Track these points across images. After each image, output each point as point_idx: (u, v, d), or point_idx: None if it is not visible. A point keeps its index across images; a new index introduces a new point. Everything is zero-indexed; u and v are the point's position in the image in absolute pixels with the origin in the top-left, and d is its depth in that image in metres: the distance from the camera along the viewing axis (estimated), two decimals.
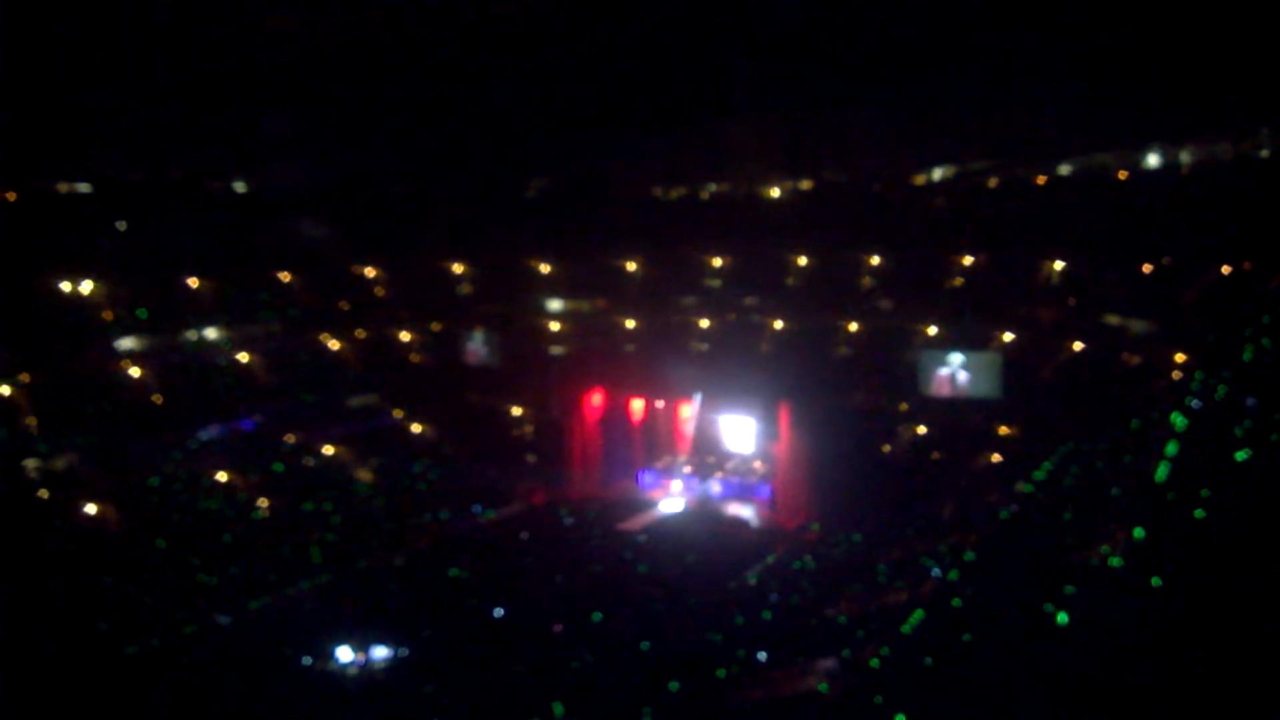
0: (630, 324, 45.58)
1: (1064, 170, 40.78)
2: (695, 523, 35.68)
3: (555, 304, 46.60)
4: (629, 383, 41.56)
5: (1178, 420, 19.56)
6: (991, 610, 17.57)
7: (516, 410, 43.79)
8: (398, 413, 42.42)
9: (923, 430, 37.57)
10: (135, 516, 30.37)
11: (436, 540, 32.42)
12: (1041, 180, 41.10)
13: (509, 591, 25.94)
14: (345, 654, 21.14)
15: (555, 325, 46.39)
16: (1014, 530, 24.12)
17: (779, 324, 42.91)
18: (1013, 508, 26.37)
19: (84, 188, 40.40)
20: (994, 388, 35.74)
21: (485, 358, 44.40)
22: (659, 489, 39.50)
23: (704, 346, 44.32)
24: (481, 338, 44.46)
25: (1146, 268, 34.52)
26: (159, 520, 30.30)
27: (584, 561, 29.22)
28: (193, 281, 39.28)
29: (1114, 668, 12.26)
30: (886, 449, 37.58)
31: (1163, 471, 18.01)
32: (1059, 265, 37.38)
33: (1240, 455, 16.12)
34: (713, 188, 49.37)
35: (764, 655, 19.94)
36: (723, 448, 41.47)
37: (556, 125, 47.69)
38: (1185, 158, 37.79)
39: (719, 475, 39.52)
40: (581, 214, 48.12)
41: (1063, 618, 14.43)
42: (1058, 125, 40.79)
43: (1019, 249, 38.43)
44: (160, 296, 37.90)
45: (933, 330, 38.72)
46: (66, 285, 35.55)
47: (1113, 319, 34.71)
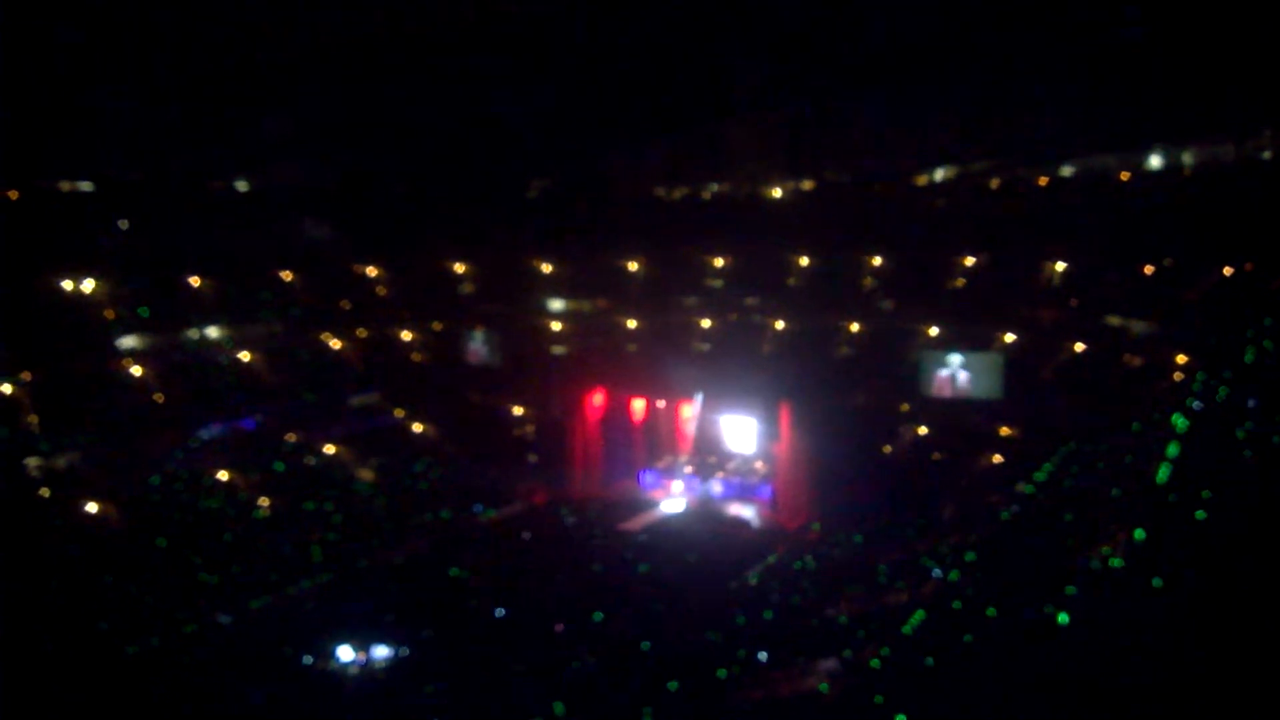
0: (632, 324, 45.58)
1: (1066, 171, 40.76)
2: (696, 523, 35.66)
3: (557, 304, 46.60)
4: (630, 383, 41.54)
5: (1179, 421, 19.54)
6: (992, 611, 17.57)
7: (518, 410, 43.79)
8: (399, 412, 42.40)
9: (924, 431, 37.56)
10: (136, 515, 30.35)
11: (437, 540, 32.41)
12: (1043, 181, 41.08)
13: (510, 591, 25.95)
14: (346, 653, 21.15)
15: (557, 325, 46.40)
16: (1015, 531, 24.12)
17: (780, 324, 42.92)
18: (1014, 508, 26.38)
19: (86, 186, 40.39)
20: (995, 388, 35.74)
21: (486, 357, 44.39)
22: (660, 489, 39.48)
23: (705, 347, 44.32)
24: (483, 337, 44.45)
25: (1148, 269, 34.53)
26: (160, 519, 30.29)
27: (585, 561, 29.23)
28: (194, 280, 39.29)
29: (1114, 668, 12.27)
30: (887, 449, 37.55)
31: (1164, 473, 18.00)
32: (1060, 266, 37.39)
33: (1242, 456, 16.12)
34: (714, 188, 49.34)
35: (765, 655, 19.95)
36: (724, 448, 41.47)
37: (558, 125, 47.73)
38: (1187, 159, 37.76)
39: (720, 475, 39.49)
40: (583, 214, 48.12)
41: (1063, 618, 14.44)
42: (1059, 126, 40.78)
43: (1020, 250, 38.44)
44: (162, 295, 37.90)
45: (934, 331, 38.75)
46: (68, 284, 35.55)
47: (1114, 320, 34.70)
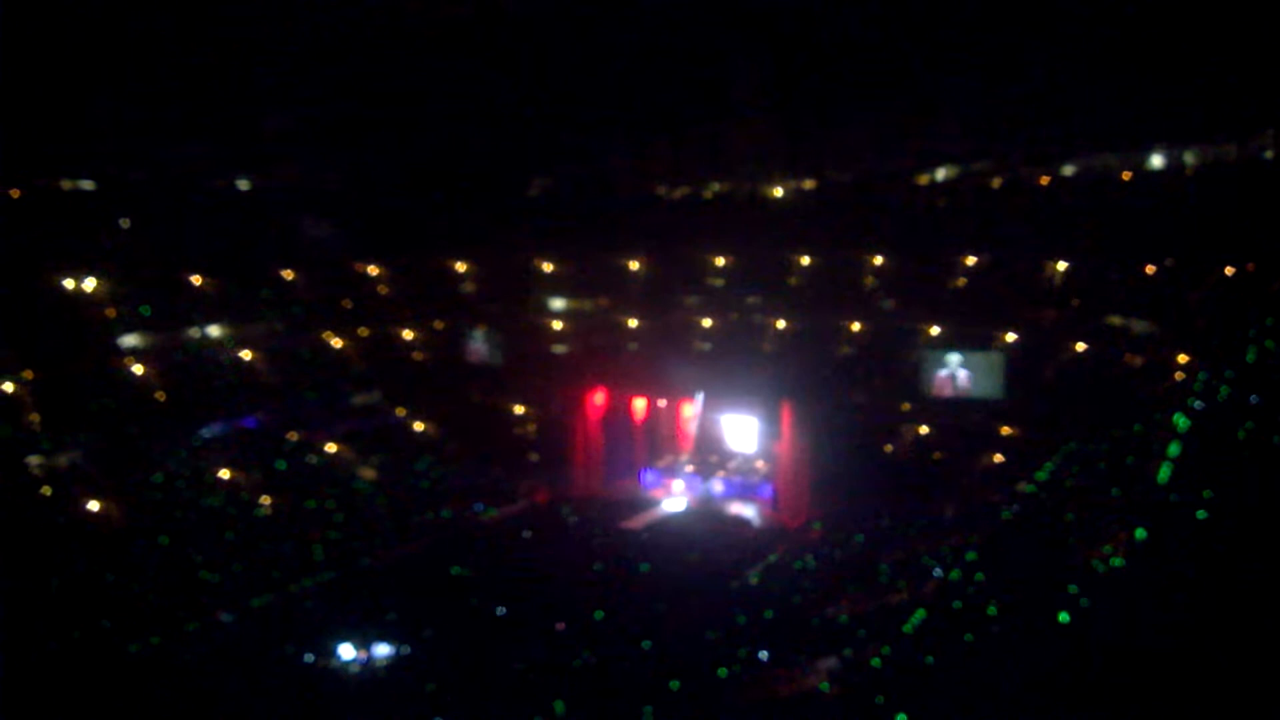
0: (633, 323, 45.63)
1: (1067, 171, 40.78)
2: (697, 522, 35.65)
3: (558, 303, 46.66)
4: (631, 381, 41.53)
5: (1180, 421, 19.54)
6: (993, 610, 17.58)
7: (519, 409, 43.83)
8: (400, 411, 42.43)
9: (925, 430, 37.57)
10: (138, 514, 30.33)
11: (439, 539, 32.41)
12: (1045, 181, 41.10)
13: (511, 590, 25.95)
14: (348, 651, 21.16)
15: (558, 324, 46.46)
16: (1016, 530, 24.11)
17: (781, 323, 42.96)
18: (1015, 508, 26.36)
19: (87, 185, 40.44)
20: (996, 388, 35.74)
21: (488, 356, 44.43)
22: (661, 488, 39.46)
23: (706, 346, 44.37)
24: (484, 336, 44.50)
25: (1149, 268, 34.53)
26: (162, 517, 30.26)
27: (586, 560, 29.22)
28: (196, 279, 39.34)
29: (1115, 667, 12.28)
30: (889, 449, 37.58)
31: (1165, 472, 18.00)
32: (1062, 265, 37.41)
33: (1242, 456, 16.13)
34: (715, 187, 49.42)
35: (766, 654, 19.97)
36: (725, 447, 41.48)
37: (559, 124, 47.79)
38: (1189, 159, 37.77)
39: (721, 474, 39.47)
40: (584, 213, 48.19)
41: (1064, 617, 14.45)
42: (1061, 126, 40.78)
43: (1022, 249, 38.46)
44: (163, 294, 37.94)
45: (935, 330, 38.76)
46: (70, 282, 35.59)
47: (1115, 320, 34.72)
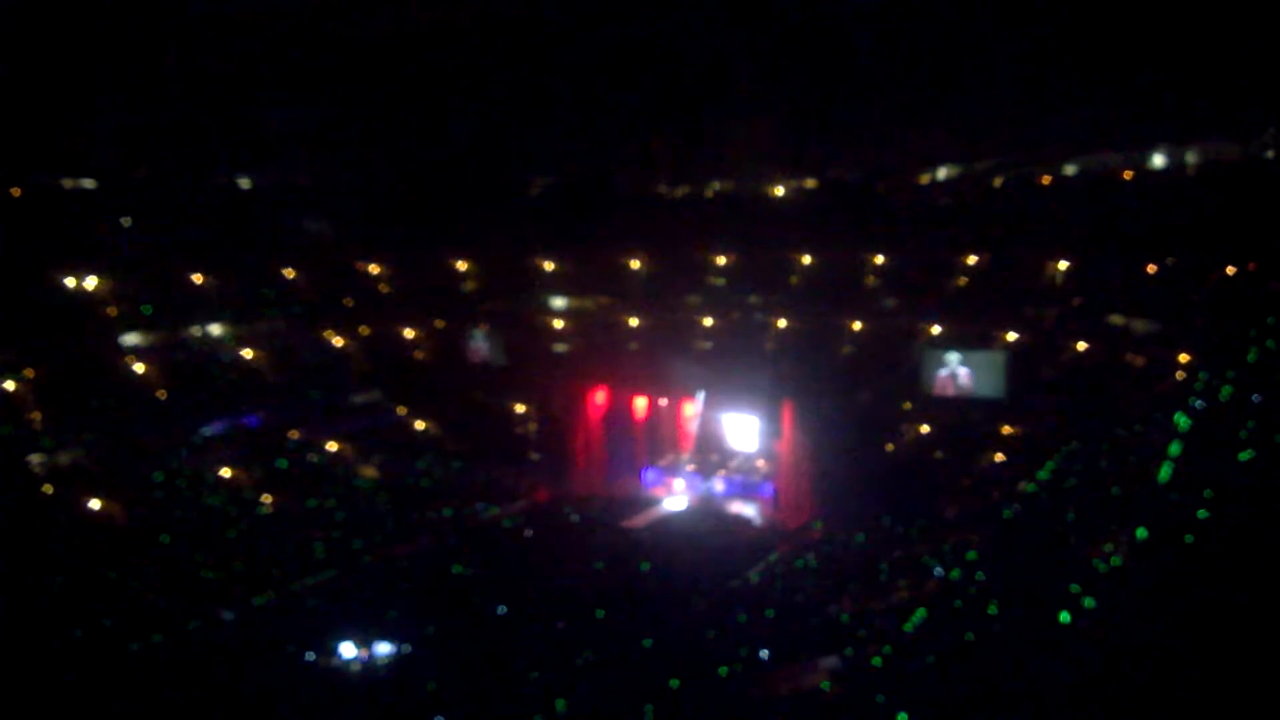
0: (634, 322, 45.62)
1: (1069, 170, 40.72)
2: (698, 520, 35.66)
3: (559, 301, 46.65)
4: (633, 380, 41.55)
5: (1181, 420, 19.53)
6: (994, 609, 17.58)
7: (520, 407, 43.82)
8: (401, 409, 42.45)
9: (926, 429, 37.54)
10: (139, 512, 30.37)
11: (440, 537, 32.42)
12: (1046, 180, 41.04)
13: (512, 588, 25.95)
14: (349, 650, 21.17)
15: (559, 323, 46.44)
16: (1017, 530, 24.10)
17: (783, 322, 42.95)
18: (1016, 507, 26.36)
19: (89, 184, 40.46)
20: (997, 387, 35.72)
21: (489, 355, 44.44)
22: (662, 487, 39.47)
23: (708, 345, 44.36)
24: (485, 335, 44.50)
25: (1151, 268, 34.50)
26: (163, 516, 30.29)
27: (587, 559, 29.21)
28: (197, 277, 39.36)
29: (1116, 666, 12.28)
30: (890, 448, 37.54)
31: (1166, 472, 17.99)
32: (1063, 265, 37.37)
33: (1244, 456, 16.10)
34: (717, 186, 49.36)
35: (766, 653, 19.96)
36: (726, 446, 41.46)
37: (561, 123, 47.78)
38: (1190, 158, 37.72)
39: (722, 473, 39.48)
40: (585, 212, 48.12)
41: (1065, 616, 14.45)
42: (1063, 125, 40.74)
43: (1023, 249, 38.44)
44: (165, 292, 38.00)
45: (936, 329, 38.74)
46: (71, 281, 35.63)
47: (1117, 319, 34.68)
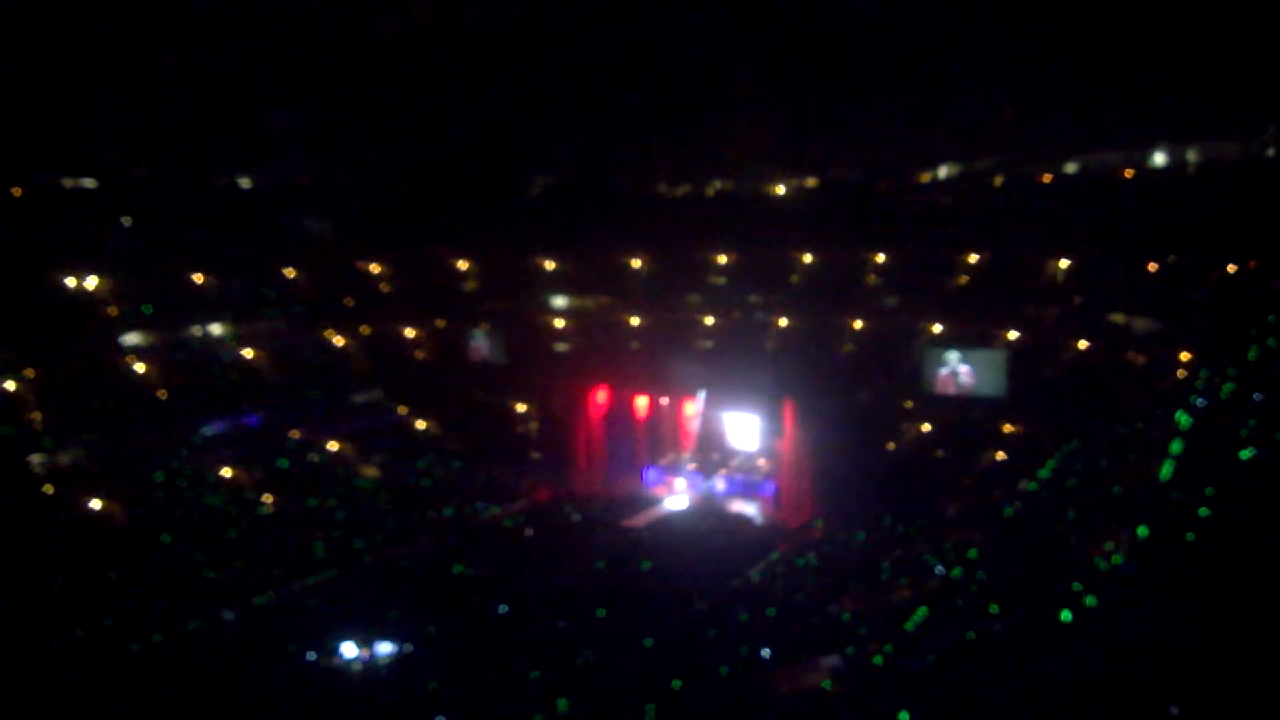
0: (635, 321, 45.62)
1: (1069, 168, 40.70)
2: (699, 520, 35.64)
3: (560, 301, 46.66)
4: (633, 380, 41.54)
5: (1182, 419, 19.51)
6: (995, 608, 17.56)
7: (521, 407, 43.82)
8: (402, 409, 42.45)
9: (927, 428, 37.52)
10: (140, 512, 30.38)
11: (441, 537, 32.42)
12: (1047, 178, 41.03)
13: (513, 588, 25.93)
14: (350, 650, 21.15)
15: (560, 322, 46.45)
16: (1018, 528, 24.08)
17: (784, 321, 42.95)
18: (1017, 506, 26.34)
19: (89, 184, 40.47)
20: (998, 386, 35.69)
21: (490, 354, 44.45)
22: (663, 486, 39.46)
23: (709, 344, 44.36)
24: (486, 334, 44.50)
25: (1151, 266, 34.48)
26: (164, 516, 30.31)
27: (588, 558, 29.20)
28: (198, 277, 39.38)
29: (1117, 665, 12.26)
30: (891, 446, 37.53)
31: (1167, 470, 17.98)
32: (1064, 263, 37.36)
33: (1245, 454, 16.08)
34: (718, 185, 49.37)
35: (768, 652, 19.93)
36: (727, 445, 41.43)
37: (562, 122, 47.77)
38: (1191, 156, 37.70)
39: (723, 472, 39.46)
40: (586, 211, 48.14)
41: (1066, 615, 14.42)
42: (1063, 123, 40.73)
43: (1024, 247, 38.43)
44: (165, 292, 38.01)
45: (937, 328, 38.72)
46: (72, 281, 35.64)
47: (1118, 317, 34.67)
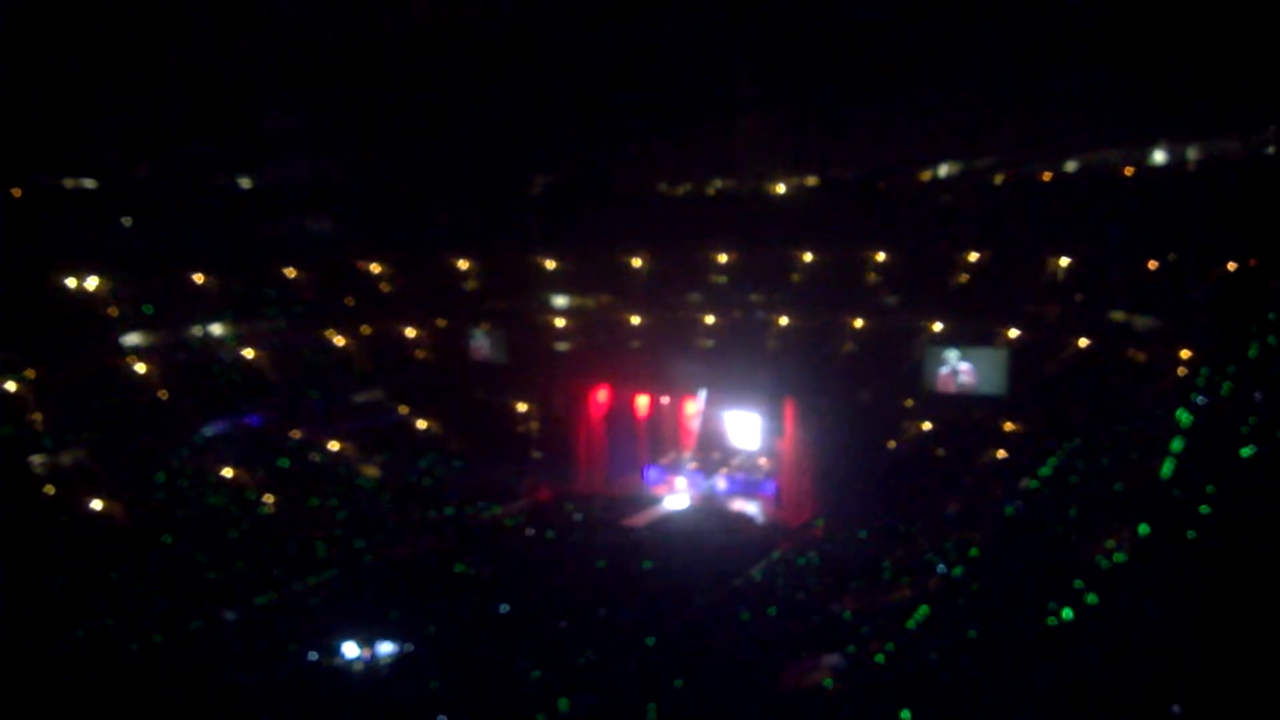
0: (636, 320, 45.62)
1: (1070, 167, 40.69)
2: (700, 519, 35.64)
3: (560, 300, 46.65)
4: (634, 379, 41.48)
5: (1183, 417, 19.50)
6: (996, 606, 17.56)
7: (522, 406, 43.80)
8: (403, 409, 42.45)
9: (928, 426, 37.51)
10: (141, 512, 30.41)
11: (442, 536, 32.43)
12: (1048, 177, 41.01)
13: (514, 587, 25.95)
14: (351, 650, 21.16)
15: (560, 321, 46.46)
16: (1019, 526, 24.08)
17: (784, 320, 42.94)
18: (1018, 504, 26.33)
19: (89, 183, 40.48)
20: (999, 384, 35.67)
21: (490, 354, 44.44)
22: (664, 485, 39.44)
23: (709, 343, 44.33)
24: (486, 334, 44.50)
25: (1152, 264, 34.46)
26: (165, 516, 30.33)
27: (589, 557, 29.21)
28: (198, 277, 39.38)
29: (1118, 663, 12.26)
30: (892, 445, 37.51)
31: (1168, 468, 17.98)
32: (1065, 261, 37.35)
33: (1246, 451, 16.07)
34: (718, 184, 49.36)
35: (769, 651, 19.94)
36: (728, 444, 41.41)
37: (562, 121, 47.76)
38: (1192, 154, 37.69)
39: (724, 471, 39.44)
40: (587, 210, 48.15)
41: (1068, 613, 14.42)
42: (1064, 122, 40.72)
43: (1025, 245, 38.42)
44: (166, 292, 38.01)
45: (938, 326, 38.72)
46: (72, 281, 35.65)
47: (1118, 315, 34.65)
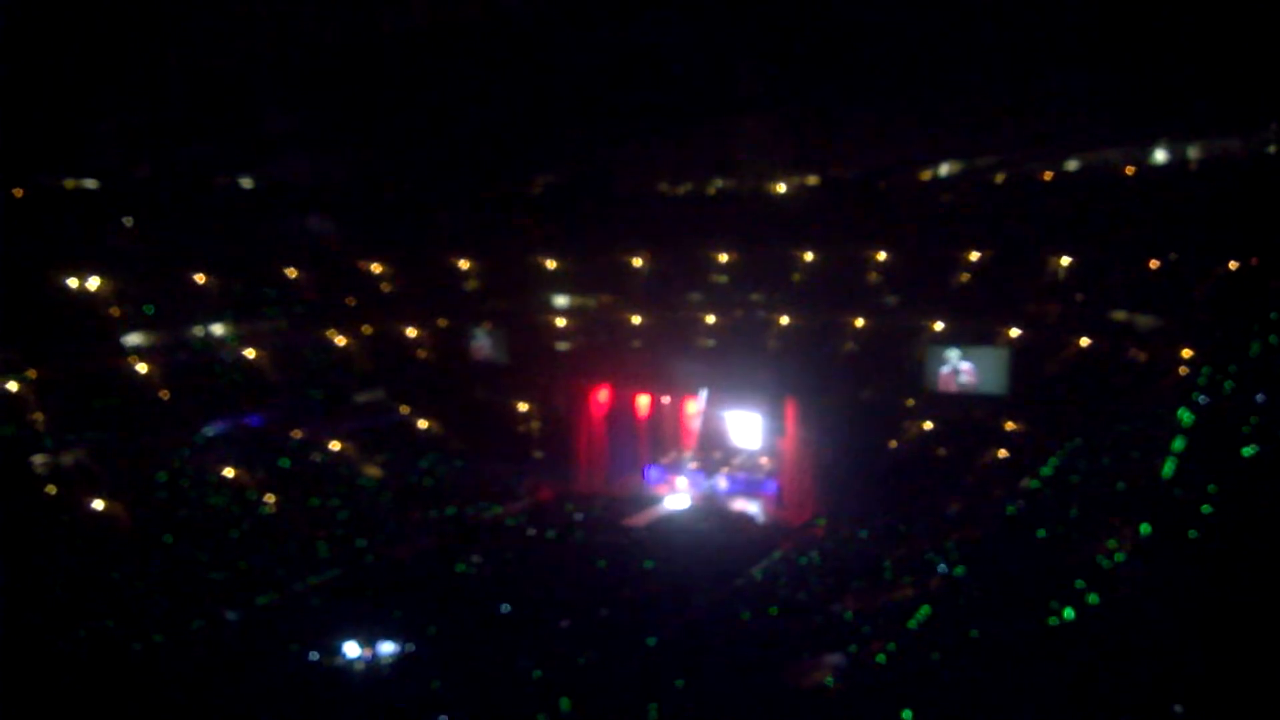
0: (636, 320, 45.61)
1: (1071, 166, 40.65)
2: (701, 518, 35.65)
3: (561, 300, 46.64)
4: (635, 378, 41.50)
5: (1184, 416, 19.50)
6: (998, 606, 17.56)
7: (523, 406, 43.81)
8: (404, 408, 42.46)
9: (929, 426, 37.50)
10: (142, 512, 30.41)
11: (443, 536, 32.44)
12: (1048, 176, 40.98)
13: (515, 587, 25.95)
14: (352, 649, 21.17)
15: (561, 321, 46.45)
16: (1020, 526, 24.08)
17: (785, 320, 42.92)
18: (1019, 504, 26.33)
19: (91, 184, 40.47)
20: (1001, 383, 35.66)
21: (491, 354, 44.45)
22: (665, 485, 39.47)
23: (710, 342, 44.32)
24: (487, 334, 44.50)
25: (1153, 263, 34.45)
26: (166, 516, 30.34)
27: (590, 557, 29.22)
28: (199, 277, 39.37)
29: (1120, 664, 12.26)
30: (893, 445, 37.51)
31: (1169, 467, 17.98)
32: (1066, 261, 37.33)
33: (1247, 451, 16.07)
34: (719, 183, 49.34)
35: (770, 651, 19.93)
36: (729, 443, 41.46)
37: (563, 121, 47.71)
38: (1193, 153, 37.65)
39: (725, 471, 39.46)
40: (588, 210, 48.14)
41: (1069, 613, 14.43)
42: (1065, 121, 40.67)
43: (1025, 245, 38.40)
44: (167, 292, 37.98)
45: (939, 326, 38.70)
46: (73, 281, 35.64)
47: (1119, 315, 34.62)
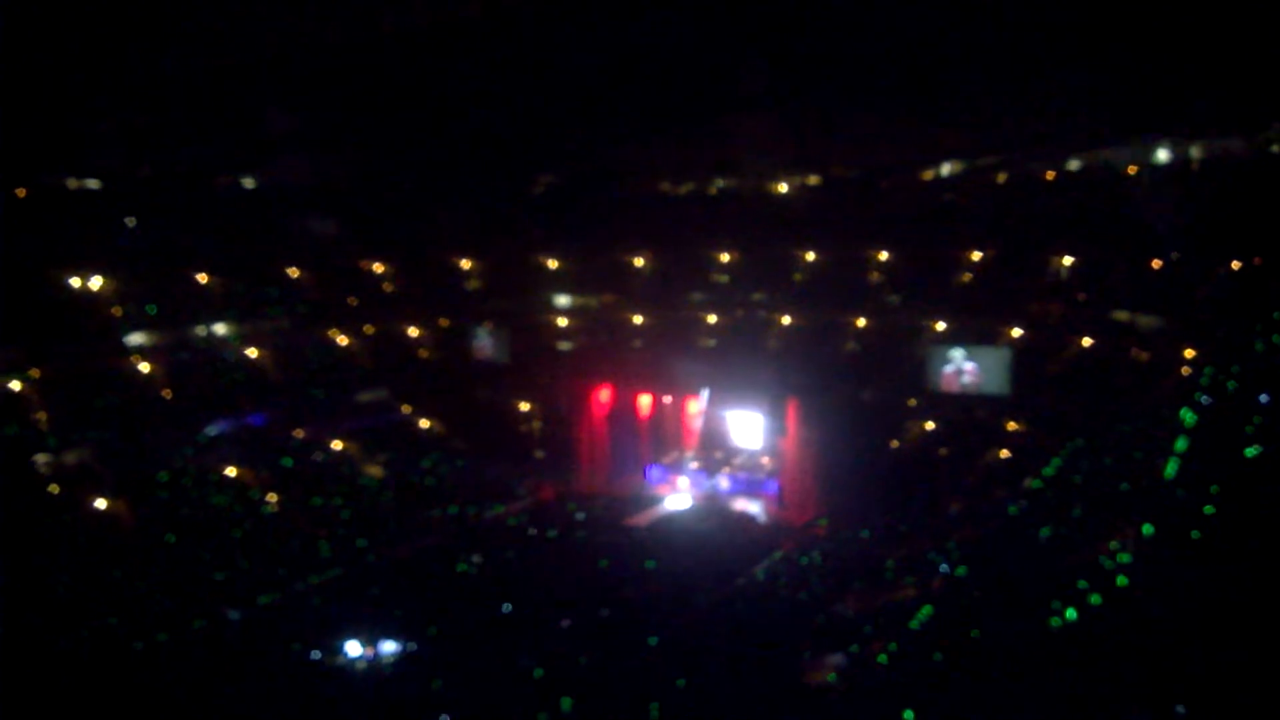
0: (638, 320, 45.63)
1: (1073, 165, 40.62)
2: (703, 518, 35.65)
3: (563, 299, 46.66)
4: (637, 378, 41.53)
5: (1187, 416, 19.48)
6: (1000, 606, 17.56)
7: (524, 406, 43.83)
8: (406, 408, 42.47)
9: (931, 426, 37.48)
10: (145, 511, 30.45)
11: (445, 535, 32.47)
12: (1050, 175, 40.96)
13: (517, 587, 25.97)
14: (354, 648, 21.20)
15: (563, 321, 46.47)
16: (1022, 526, 24.07)
17: (787, 319, 42.93)
18: (1021, 504, 26.32)
19: (93, 184, 40.51)
20: (1003, 383, 35.60)
21: (493, 353, 44.42)
22: (666, 484, 39.48)
23: (712, 342, 44.35)
24: (489, 333, 44.49)
25: (1156, 263, 34.43)
26: (168, 515, 30.39)
27: (591, 557, 29.23)
28: (202, 277, 39.41)
29: (1122, 664, 12.25)
30: (895, 445, 37.49)
31: (1172, 468, 17.97)
32: (1068, 260, 37.32)
33: (1250, 451, 16.06)
34: (721, 183, 49.34)
35: (772, 650, 19.94)
36: (730, 443, 41.45)
37: (564, 121, 47.68)
38: (1195, 153, 37.61)
39: (727, 470, 39.47)
40: (589, 210, 48.14)
41: (1072, 613, 14.42)
42: (1067, 120, 40.61)
43: (1028, 244, 38.38)
44: (169, 292, 38.03)
45: (941, 326, 38.68)
46: (76, 281, 35.68)
47: (1122, 314, 34.60)
